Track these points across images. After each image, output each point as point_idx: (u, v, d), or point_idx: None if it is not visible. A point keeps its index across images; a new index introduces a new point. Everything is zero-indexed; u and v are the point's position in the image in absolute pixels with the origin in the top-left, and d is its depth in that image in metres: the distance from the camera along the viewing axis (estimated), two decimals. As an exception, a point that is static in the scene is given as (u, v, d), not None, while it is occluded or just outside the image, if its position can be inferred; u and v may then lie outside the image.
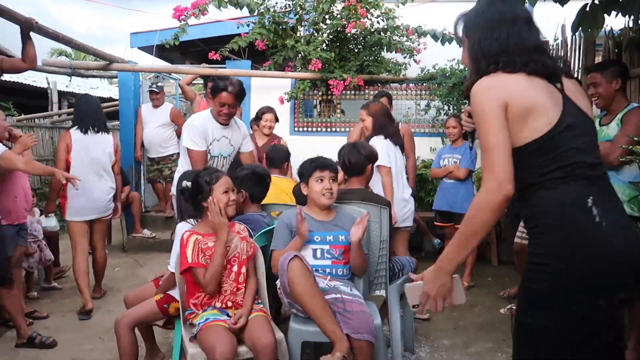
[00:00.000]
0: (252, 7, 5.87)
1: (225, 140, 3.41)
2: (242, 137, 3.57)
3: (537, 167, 1.42)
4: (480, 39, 1.52)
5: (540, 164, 1.42)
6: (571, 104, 1.46)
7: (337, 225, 2.58)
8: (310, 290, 2.22)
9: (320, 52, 5.76)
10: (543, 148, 1.41)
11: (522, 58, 1.45)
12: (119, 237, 5.98)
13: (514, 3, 1.55)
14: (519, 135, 1.41)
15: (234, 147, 3.50)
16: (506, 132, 1.40)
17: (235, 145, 3.50)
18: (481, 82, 1.46)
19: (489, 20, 1.52)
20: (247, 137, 3.63)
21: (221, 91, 3.22)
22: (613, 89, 2.91)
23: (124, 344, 2.43)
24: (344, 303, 2.30)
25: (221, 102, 3.25)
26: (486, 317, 3.74)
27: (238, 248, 2.41)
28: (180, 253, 2.32)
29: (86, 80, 11.88)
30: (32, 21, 3.75)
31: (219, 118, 3.33)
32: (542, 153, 1.41)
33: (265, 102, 5.66)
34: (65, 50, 15.25)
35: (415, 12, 6.29)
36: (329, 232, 2.55)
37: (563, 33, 5.09)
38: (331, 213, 2.63)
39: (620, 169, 2.83)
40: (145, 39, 7.51)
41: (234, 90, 3.23)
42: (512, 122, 1.41)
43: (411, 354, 3.06)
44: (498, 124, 1.39)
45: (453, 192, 4.45)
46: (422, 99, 6.28)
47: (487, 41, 1.50)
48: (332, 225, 2.58)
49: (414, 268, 3.13)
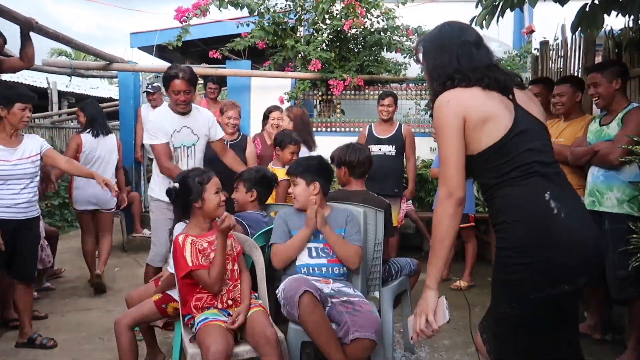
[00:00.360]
0: (252, 8, 5.87)
1: (186, 130, 3.32)
2: (207, 124, 3.42)
3: (496, 169, 1.58)
4: (435, 61, 1.71)
5: (499, 167, 1.57)
6: (524, 112, 1.61)
7: (330, 223, 2.59)
8: (320, 324, 2.24)
9: (320, 52, 5.76)
10: (500, 152, 1.56)
11: (476, 74, 1.62)
12: (119, 237, 5.98)
13: (462, 28, 1.74)
14: (478, 142, 1.57)
15: (198, 136, 3.37)
16: (461, 144, 1.58)
17: (199, 134, 3.37)
18: (441, 97, 1.62)
19: (440, 45, 1.71)
20: (214, 124, 3.49)
21: (172, 79, 3.16)
22: (613, 89, 2.91)
23: (123, 344, 2.43)
24: (353, 304, 2.35)
25: (175, 90, 3.17)
26: (486, 317, 3.73)
27: (229, 246, 2.41)
28: (178, 257, 2.28)
29: (86, 80, 11.87)
30: (32, 21, 3.75)
31: (176, 108, 3.26)
32: (500, 156, 1.57)
33: (265, 102, 5.66)
34: (65, 50, 15.25)
35: (415, 12, 6.30)
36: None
37: (563, 33, 5.09)
38: (325, 211, 2.64)
39: (621, 169, 2.83)
40: (145, 39, 7.51)
41: (186, 76, 3.16)
42: (471, 131, 1.57)
43: (411, 354, 3.06)
44: (454, 138, 1.57)
45: None
46: (422, 99, 6.28)
47: (441, 62, 1.68)
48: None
49: (415, 269, 3.13)
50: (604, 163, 2.91)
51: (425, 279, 1.65)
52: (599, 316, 3.25)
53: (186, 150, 3.35)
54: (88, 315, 3.78)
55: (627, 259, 2.61)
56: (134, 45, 7.77)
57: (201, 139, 3.40)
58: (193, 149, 3.37)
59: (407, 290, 3.08)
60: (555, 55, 4.61)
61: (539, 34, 5.65)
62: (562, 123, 3.52)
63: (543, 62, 4.88)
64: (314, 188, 2.61)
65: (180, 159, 3.33)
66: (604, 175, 2.92)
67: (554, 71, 4.62)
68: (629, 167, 2.80)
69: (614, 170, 2.86)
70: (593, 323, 3.25)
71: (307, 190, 2.61)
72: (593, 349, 3.13)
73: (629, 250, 2.57)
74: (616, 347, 3.09)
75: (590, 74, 3.01)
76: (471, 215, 4.48)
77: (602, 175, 2.94)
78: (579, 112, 3.46)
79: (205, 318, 2.24)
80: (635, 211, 2.77)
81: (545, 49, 4.81)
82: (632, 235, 2.56)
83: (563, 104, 3.40)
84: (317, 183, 2.62)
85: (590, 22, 2.62)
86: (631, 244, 2.55)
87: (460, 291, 4.35)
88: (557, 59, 4.57)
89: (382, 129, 4.54)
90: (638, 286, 2.77)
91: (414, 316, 1.64)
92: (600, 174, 2.95)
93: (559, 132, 3.49)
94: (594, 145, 2.99)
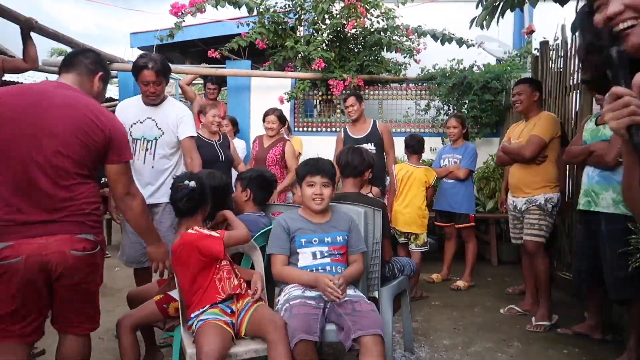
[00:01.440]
0: (251, 7, 5.87)
1: (150, 123, 3.15)
2: (175, 120, 3.18)
3: None
4: None
5: None
6: None
7: (334, 226, 2.55)
8: None
9: (320, 52, 5.76)
10: None
11: None
12: (119, 237, 5.97)
13: None
14: None
15: (163, 130, 3.16)
16: None
17: (164, 128, 3.16)
18: None
19: None
20: (183, 121, 3.20)
21: (141, 69, 3.02)
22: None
23: (125, 345, 2.43)
24: (352, 304, 2.32)
25: (144, 80, 3.04)
26: (486, 317, 3.74)
27: None
28: (204, 240, 2.28)
29: (86, 80, 11.84)
30: (33, 21, 3.75)
31: (146, 99, 3.15)
32: None
33: (265, 102, 5.67)
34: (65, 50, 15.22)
35: (415, 12, 6.30)
36: (326, 233, 2.53)
37: (563, 33, 5.09)
38: (327, 214, 2.59)
39: (616, 170, 2.83)
40: (145, 39, 7.51)
41: (155, 66, 3.01)
42: None
43: (411, 354, 3.06)
44: None
45: (453, 192, 4.46)
46: (422, 99, 6.28)
47: None
48: (330, 226, 2.56)
49: (414, 270, 3.13)
50: (600, 164, 2.91)
51: None
52: (599, 316, 3.26)
53: (146, 143, 3.16)
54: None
55: (625, 259, 2.61)
56: (134, 45, 7.78)
57: (166, 134, 3.18)
58: (154, 143, 3.17)
59: (406, 290, 3.08)
60: (555, 55, 4.61)
61: (539, 34, 5.65)
62: (523, 123, 3.71)
63: (543, 62, 4.88)
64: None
65: (137, 151, 3.14)
66: (600, 176, 2.92)
67: (554, 71, 4.62)
68: None
69: (610, 170, 2.87)
70: (593, 323, 3.26)
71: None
72: (593, 349, 3.13)
73: (628, 251, 2.57)
74: (616, 347, 3.09)
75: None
76: (471, 215, 4.48)
77: (597, 175, 2.94)
78: (537, 110, 3.67)
79: (205, 318, 2.24)
80: (631, 212, 2.76)
81: (545, 49, 4.82)
82: (632, 236, 2.56)
83: (521, 102, 3.65)
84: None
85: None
86: (631, 244, 2.54)
87: (460, 291, 4.35)
88: (557, 59, 4.57)
89: (356, 129, 4.54)
90: (636, 287, 2.77)
91: None
92: (596, 174, 2.95)
93: (520, 132, 3.67)
94: (590, 145, 2.99)
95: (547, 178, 3.52)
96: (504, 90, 5.98)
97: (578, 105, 3.99)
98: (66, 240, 1.92)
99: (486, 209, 5.35)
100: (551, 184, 3.53)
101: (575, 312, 3.69)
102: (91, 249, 1.99)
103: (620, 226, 2.77)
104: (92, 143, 1.95)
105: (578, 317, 3.52)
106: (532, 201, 3.55)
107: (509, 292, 4.24)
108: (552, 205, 3.51)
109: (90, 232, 1.99)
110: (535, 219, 3.53)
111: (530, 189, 3.56)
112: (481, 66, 6.01)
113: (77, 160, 1.93)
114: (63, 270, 1.93)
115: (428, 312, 3.83)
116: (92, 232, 2.00)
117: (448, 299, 4.16)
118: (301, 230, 2.52)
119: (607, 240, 2.85)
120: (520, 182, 3.62)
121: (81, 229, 1.96)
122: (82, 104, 1.98)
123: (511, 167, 3.74)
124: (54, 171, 1.89)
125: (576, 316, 3.57)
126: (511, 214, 3.79)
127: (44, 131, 1.88)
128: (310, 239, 2.51)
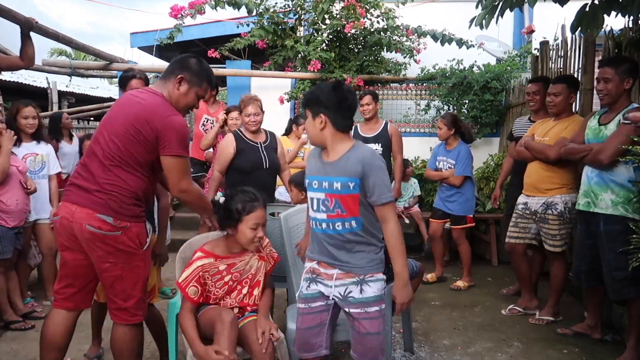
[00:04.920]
0: (250, 7, 5.87)
1: None
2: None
3: None
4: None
5: None
6: None
7: (337, 168, 2.03)
8: None
9: (320, 52, 5.76)
10: None
11: None
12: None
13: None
14: None
15: None
16: None
17: None
18: None
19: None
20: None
21: (130, 79, 3.16)
22: (623, 89, 2.88)
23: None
24: (355, 320, 2.06)
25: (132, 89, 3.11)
26: (486, 317, 3.74)
27: (253, 269, 2.37)
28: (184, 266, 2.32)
29: (86, 80, 11.89)
30: (32, 21, 3.76)
31: None
32: None
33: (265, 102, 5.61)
34: (65, 50, 15.27)
35: (415, 12, 6.30)
36: (325, 176, 2.06)
37: (563, 33, 5.09)
38: (338, 151, 2.05)
39: (613, 170, 2.83)
40: (145, 39, 7.51)
41: (142, 75, 3.19)
42: None
43: (411, 354, 3.06)
44: None
45: (449, 195, 4.43)
46: (422, 99, 6.28)
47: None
48: (333, 168, 2.04)
49: (417, 270, 3.11)
50: (594, 162, 2.91)
51: None
52: (599, 316, 3.25)
53: None
54: (88, 315, 3.76)
55: (624, 260, 2.61)
56: (134, 45, 7.77)
57: None
58: None
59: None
60: (555, 55, 4.61)
61: (539, 34, 5.66)
62: (552, 122, 3.54)
63: (543, 62, 4.88)
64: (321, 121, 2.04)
65: None
66: (598, 177, 2.92)
67: (553, 71, 4.62)
68: (623, 169, 2.79)
69: (605, 170, 2.86)
70: (593, 323, 3.25)
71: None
72: (593, 348, 3.13)
73: (629, 251, 2.56)
74: (616, 347, 3.09)
75: (603, 68, 2.93)
76: (468, 217, 4.44)
77: (596, 176, 2.93)
78: (570, 112, 3.50)
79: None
80: (630, 212, 2.76)
81: (545, 49, 4.82)
82: (632, 236, 2.56)
83: (556, 104, 3.44)
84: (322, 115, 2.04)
85: (590, 22, 2.62)
86: (632, 244, 2.54)
87: (460, 291, 4.35)
88: (557, 59, 4.57)
89: (367, 128, 4.52)
90: (635, 287, 2.77)
91: None
92: (595, 175, 2.94)
93: (547, 130, 3.53)
94: (591, 145, 2.98)
95: (565, 178, 3.42)
96: (504, 90, 5.99)
97: (578, 105, 3.98)
98: (87, 214, 2.09)
99: (486, 209, 5.34)
100: (569, 184, 3.43)
101: (575, 312, 3.69)
102: (107, 230, 2.09)
103: (619, 227, 2.77)
104: (140, 136, 2.11)
105: (578, 317, 3.52)
106: (549, 205, 3.43)
107: (503, 293, 4.21)
108: (569, 209, 3.40)
109: (112, 215, 2.10)
110: (556, 229, 3.43)
111: (547, 188, 3.45)
112: (481, 66, 6.01)
113: (124, 149, 2.11)
114: (83, 240, 2.11)
115: (428, 312, 3.83)
116: (113, 216, 2.10)
117: (448, 299, 4.16)
118: (309, 169, 2.18)
119: (606, 241, 2.84)
120: (538, 181, 3.50)
121: (102, 210, 2.09)
122: (142, 104, 2.16)
123: (528, 165, 3.60)
124: (104, 153, 2.13)
125: (576, 316, 3.57)
126: (517, 213, 3.67)
127: (111, 121, 2.18)
128: (311, 180, 2.11)
